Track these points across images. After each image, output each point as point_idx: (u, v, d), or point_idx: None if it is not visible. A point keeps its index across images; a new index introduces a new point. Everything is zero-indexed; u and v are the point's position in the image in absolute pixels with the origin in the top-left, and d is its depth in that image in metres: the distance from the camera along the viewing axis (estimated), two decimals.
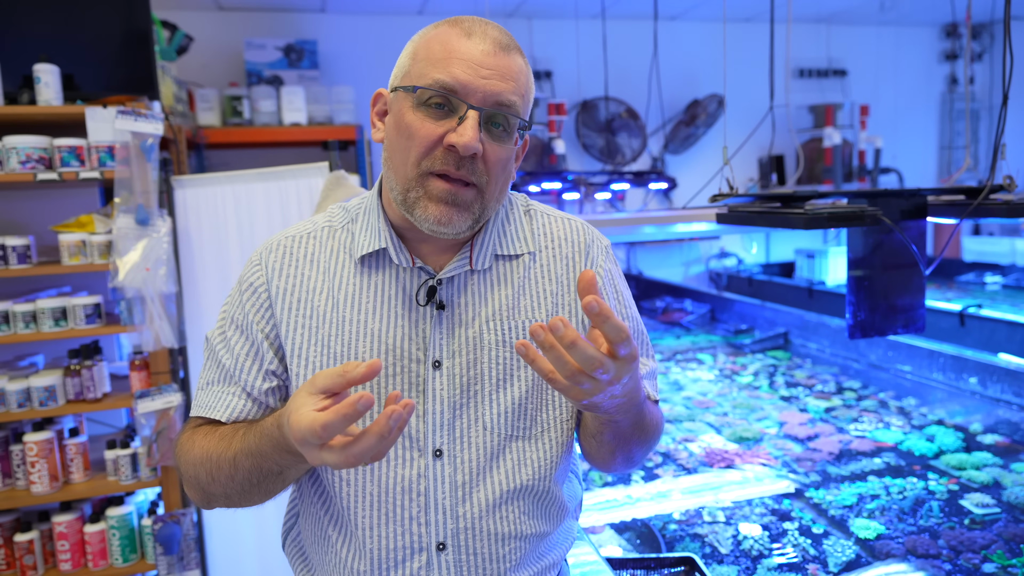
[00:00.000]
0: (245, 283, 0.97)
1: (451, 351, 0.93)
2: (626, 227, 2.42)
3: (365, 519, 0.93)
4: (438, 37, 0.87)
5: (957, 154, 6.25)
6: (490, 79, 0.85)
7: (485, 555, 0.94)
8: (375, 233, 0.94)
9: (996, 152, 1.84)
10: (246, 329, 0.95)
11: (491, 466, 0.94)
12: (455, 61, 0.85)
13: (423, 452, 0.92)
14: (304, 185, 2.20)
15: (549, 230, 1.01)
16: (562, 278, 0.99)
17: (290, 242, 0.97)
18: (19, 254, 2.15)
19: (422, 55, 0.88)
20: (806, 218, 1.71)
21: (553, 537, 1.03)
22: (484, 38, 0.86)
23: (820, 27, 5.87)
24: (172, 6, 4.42)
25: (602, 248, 1.04)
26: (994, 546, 1.93)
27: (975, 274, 5.40)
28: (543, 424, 0.97)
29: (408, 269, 0.94)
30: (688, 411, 3.13)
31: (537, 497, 0.98)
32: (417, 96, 0.86)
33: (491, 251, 0.96)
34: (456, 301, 0.94)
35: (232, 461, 0.87)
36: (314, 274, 0.95)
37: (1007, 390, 2.84)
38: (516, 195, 1.05)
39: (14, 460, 2.19)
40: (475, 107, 0.84)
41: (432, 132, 0.85)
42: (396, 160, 0.89)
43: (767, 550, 1.97)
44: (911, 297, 2.00)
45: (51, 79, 2.10)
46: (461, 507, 0.93)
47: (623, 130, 5.35)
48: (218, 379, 0.96)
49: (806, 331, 4.04)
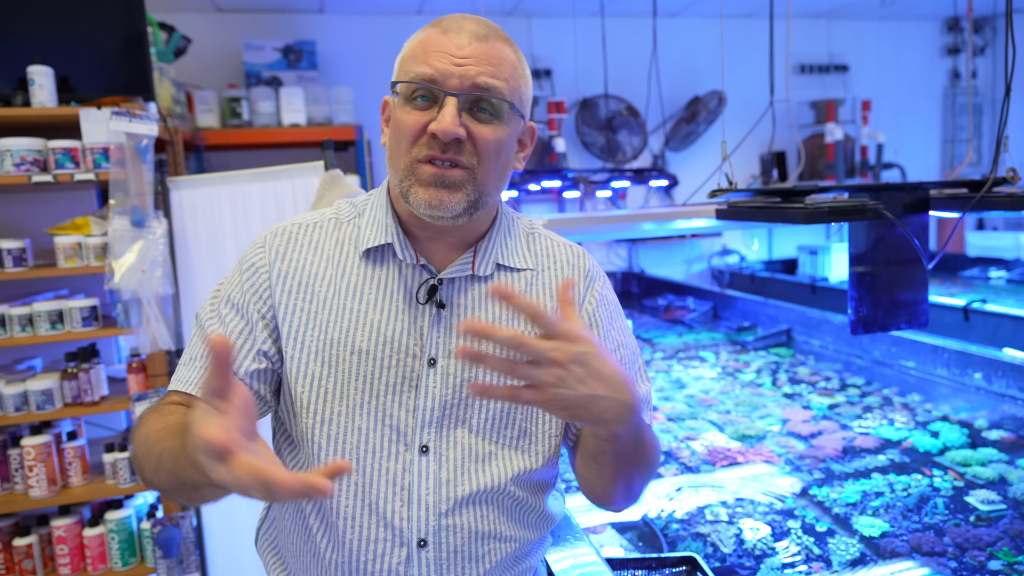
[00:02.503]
0: (246, 263, 0.97)
1: (447, 350, 0.94)
2: (625, 224, 2.40)
3: (347, 508, 0.93)
4: (420, 38, 0.91)
5: (960, 148, 6.22)
6: (466, 65, 0.87)
7: (465, 554, 0.95)
8: (382, 228, 0.96)
9: (999, 145, 1.82)
10: (242, 308, 0.95)
11: (476, 467, 0.94)
12: (431, 54, 0.88)
13: (410, 447, 0.93)
14: (300, 185, 2.19)
15: (553, 252, 1.04)
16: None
17: (296, 229, 0.99)
18: (15, 257, 2.14)
19: (406, 55, 0.92)
20: (806, 213, 1.69)
21: (531, 544, 1.04)
22: (460, 31, 0.89)
23: (821, 22, 5.84)
24: (170, 8, 4.41)
25: (601, 276, 1.07)
26: (1000, 543, 1.90)
27: (979, 269, 5.37)
28: (531, 436, 0.98)
29: (411, 266, 0.96)
30: (690, 409, 3.11)
31: (519, 504, 0.98)
32: (402, 93, 0.90)
33: (493, 259, 0.98)
34: (456, 303, 0.96)
35: (158, 457, 0.82)
36: (318, 260, 0.96)
37: (1012, 385, 2.82)
38: (521, 216, 1.07)
39: (12, 464, 2.19)
40: (452, 93, 0.87)
41: (416, 122, 0.88)
42: (393, 155, 0.92)
43: (770, 549, 1.95)
44: (914, 292, 1.98)
45: (45, 81, 2.09)
46: (444, 504, 0.93)
47: (623, 128, 5.33)
48: (202, 353, 0.95)
49: (809, 328, 4.02)
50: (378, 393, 0.92)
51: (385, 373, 0.93)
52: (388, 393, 0.92)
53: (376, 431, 0.92)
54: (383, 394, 0.92)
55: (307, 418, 0.93)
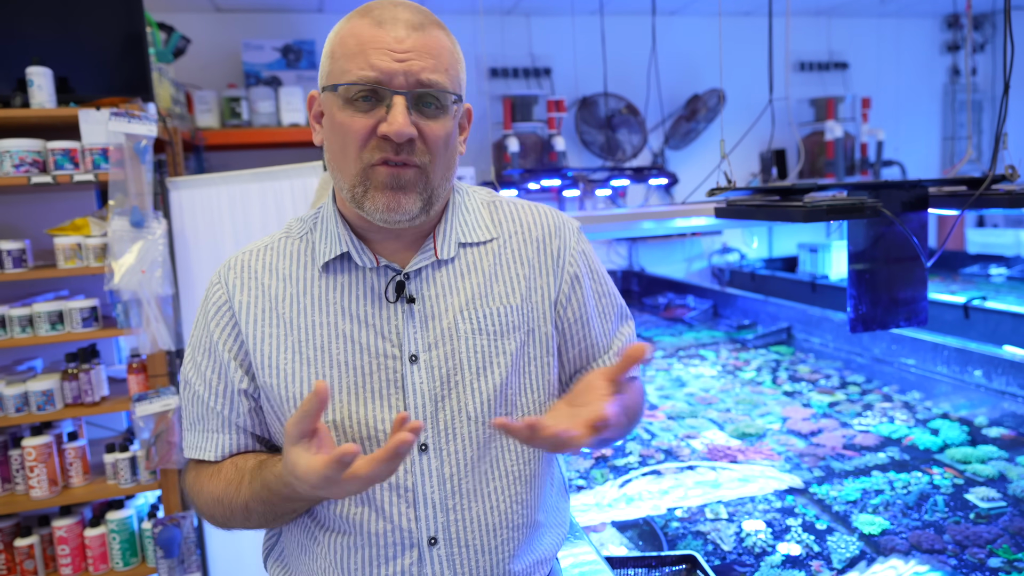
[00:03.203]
0: (208, 303, 0.96)
1: (427, 344, 0.92)
2: (625, 222, 2.40)
3: (354, 516, 0.92)
4: (351, 31, 0.86)
5: (960, 145, 6.21)
6: (408, 60, 0.84)
7: (477, 547, 0.94)
8: (334, 239, 0.94)
9: (998, 141, 1.81)
10: (212, 351, 0.95)
11: (477, 455, 0.93)
12: (370, 52, 0.84)
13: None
14: (299, 184, 2.19)
15: (516, 216, 1.01)
16: (534, 261, 0.99)
17: (248, 257, 0.97)
18: (15, 258, 2.14)
19: (339, 52, 0.86)
20: (805, 211, 1.69)
21: (544, 529, 1.03)
22: (395, 23, 0.85)
23: (820, 20, 5.84)
24: (169, 8, 4.41)
25: (573, 230, 1.03)
26: (1000, 540, 1.90)
27: (979, 266, 5.37)
28: (524, 408, 0.97)
29: (374, 269, 0.93)
30: (691, 407, 3.11)
31: (525, 482, 0.97)
32: (342, 94, 0.85)
33: (454, 239, 0.96)
34: (426, 294, 0.94)
35: (244, 508, 0.90)
36: (275, 283, 0.94)
37: (1012, 382, 2.82)
38: (478, 188, 1.05)
39: (13, 465, 2.19)
40: (399, 92, 0.84)
41: (364, 126, 0.85)
42: (338, 161, 0.89)
43: (770, 547, 1.95)
44: (913, 290, 1.98)
45: (44, 82, 2.09)
46: (451, 499, 0.92)
47: (623, 126, 5.32)
48: (200, 416, 0.96)
49: (809, 326, 4.02)
50: (365, 401, 0.91)
51: (368, 380, 0.91)
52: (376, 399, 0.91)
53: (371, 439, 0.91)
54: (371, 401, 0.91)
55: None
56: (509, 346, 0.94)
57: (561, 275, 1.00)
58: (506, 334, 0.95)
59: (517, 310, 0.96)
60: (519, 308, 0.96)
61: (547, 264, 0.99)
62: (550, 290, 0.99)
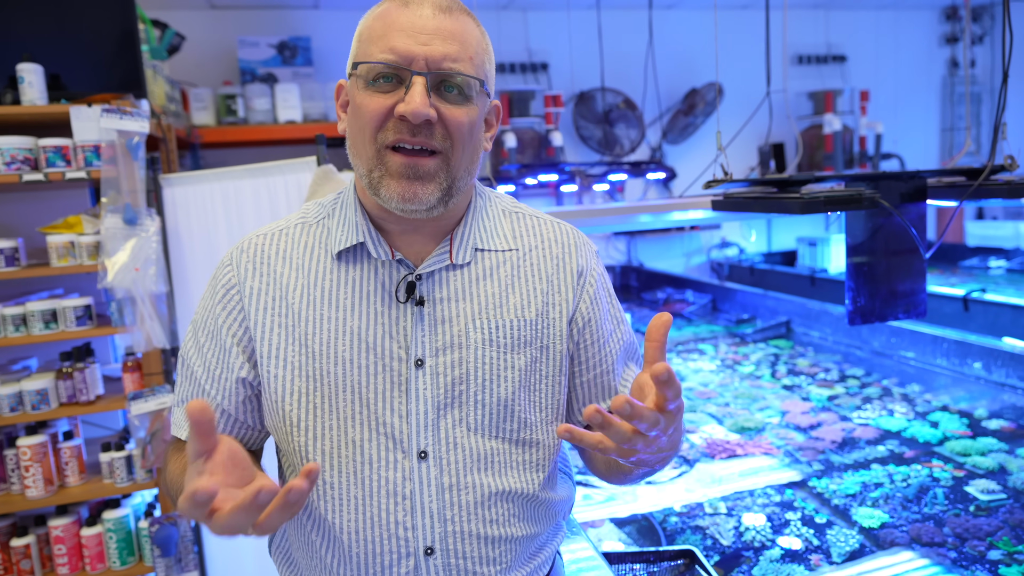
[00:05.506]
0: (217, 285, 0.94)
1: (434, 349, 0.90)
2: (622, 216, 2.39)
3: (350, 523, 0.90)
4: (380, 14, 0.86)
5: (959, 137, 6.19)
6: (431, 43, 0.82)
7: (474, 558, 0.91)
8: (352, 227, 0.91)
9: (996, 132, 1.80)
10: (216, 334, 0.93)
11: (477, 468, 0.91)
12: (394, 34, 0.83)
13: (407, 454, 0.89)
14: (293, 180, 2.18)
15: (538, 230, 0.98)
16: (552, 278, 0.96)
17: (262, 240, 0.94)
18: (7, 257, 2.13)
19: (366, 35, 0.86)
20: (802, 202, 1.68)
21: (543, 536, 1.00)
22: (422, 4, 0.84)
23: (818, 12, 5.81)
24: (164, 5, 4.39)
25: (592, 252, 1.01)
26: (1000, 532, 1.90)
27: (979, 258, 5.36)
28: (531, 426, 0.93)
29: (387, 263, 0.91)
30: (690, 402, 3.10)
31: (526, 499, 0.94)
32: (363, 75, 0.84)
33: (471, 244, 0.93)
34: (438, 297, 0.91)
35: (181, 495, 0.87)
36: (287, 271, 0.92)
37: (1012, 375, 2.81)
38: (501, 195, 1.02)
39: (8, 464, 2.17)
40: (419, 72, 0.82)
41: (381, 105, 0.83)
42: (356, 143, 0.87)
43: (770, 541, 1.94)
44: (912, 282, 1.97)
45: (35, 79, 2.07)
46: (449, 510, 0.90)
47: (621, 121, 5.30)
48: (191, 394, 0.95)
49: (808, 319, 4.00)
50: (368, 402, 0.88)
51: (372, 380, 0.89)
52: (378, 400, 0.88)
53: (371, 441, 0.89)
54: (373, 402, 0.88)
55: (299, 436, 0.90)
56: (519, 360, 0.92)
57: (580, 294, 0.97)
58: (517, 348, 0.92)
59: (531, 324, 0.93)
60: (533, 323, 0.93)
61: (567, 281, 0.96)
62: (568, 307, 0.96)
